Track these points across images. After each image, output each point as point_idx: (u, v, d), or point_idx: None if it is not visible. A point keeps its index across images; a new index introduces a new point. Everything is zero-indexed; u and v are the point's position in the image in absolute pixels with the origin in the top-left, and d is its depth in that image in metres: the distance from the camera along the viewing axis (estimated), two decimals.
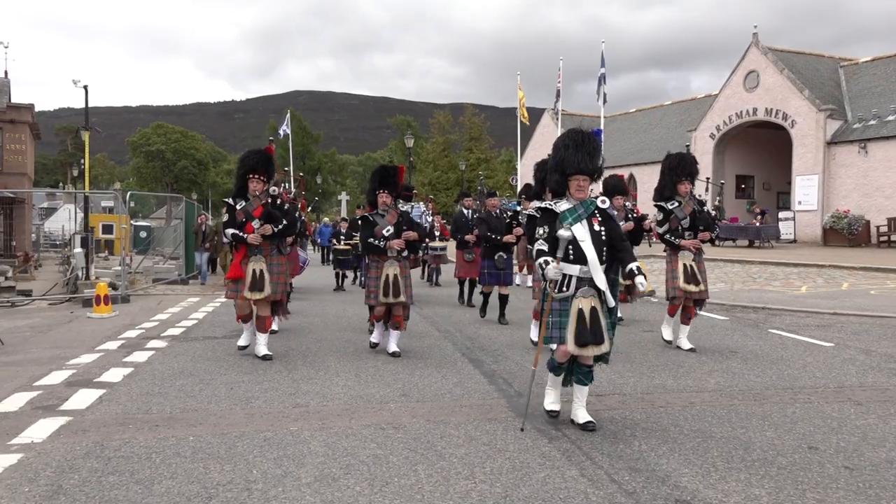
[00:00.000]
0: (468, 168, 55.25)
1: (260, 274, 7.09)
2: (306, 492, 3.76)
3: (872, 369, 6.73)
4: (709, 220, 7.59)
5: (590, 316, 4.55)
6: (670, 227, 7.53)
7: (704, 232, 7.50)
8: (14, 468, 4.20)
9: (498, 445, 4.49)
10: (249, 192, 7.23)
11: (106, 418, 5.25)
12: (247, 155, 7.45)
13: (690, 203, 7.52)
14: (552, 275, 4.53)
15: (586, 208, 4.73)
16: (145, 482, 3.93)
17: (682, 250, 7.46)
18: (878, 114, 24.91)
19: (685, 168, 7.49)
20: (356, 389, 6.06)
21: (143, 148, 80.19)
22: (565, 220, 4.64)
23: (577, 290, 4.62)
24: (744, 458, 4.23)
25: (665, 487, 3.77)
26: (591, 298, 4.60)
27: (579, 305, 4.58)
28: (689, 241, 7.46)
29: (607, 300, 4.64)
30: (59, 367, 7.11)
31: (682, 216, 7.48)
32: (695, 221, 7.47)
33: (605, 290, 4.62)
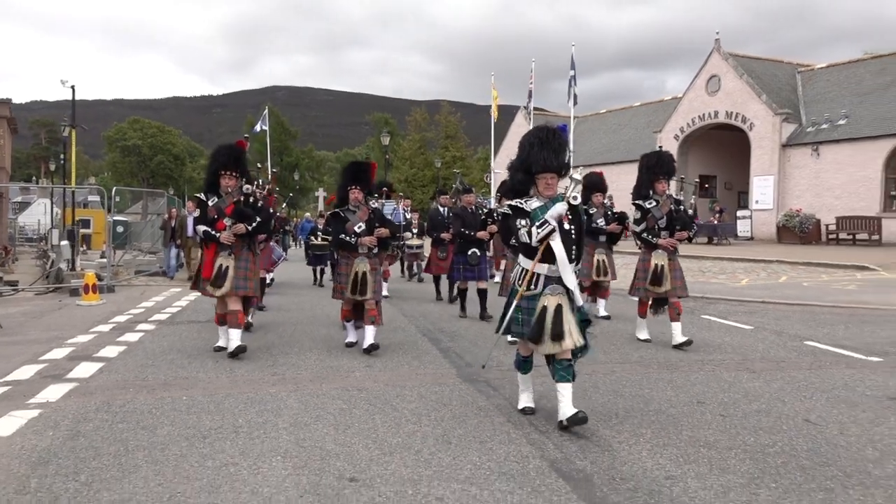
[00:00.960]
0: (444, 166, 56.19)
1: (225, 270, 7.00)
2: (283, 433, 4.65)
3: (777, 346, 7.75)
4: (686, 219, 7.63)
5: (553, 314, 4.57)
6: (647, 225, 7.55)
7: (682, 231, 7.55)
8: (36, 420, 5.03)
9: (443, 402, 5.40)
10: (221, 189, 7.10)
11: (108, 384, 6.09)
12: (218, 150, 7.34)
13: (667, 202, 7.54)
14: (546, 228, 4.52)
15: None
16: (149, 428, 4.78)
17: (658, 249, 7.50)
18: (830, 118, 26.26)
19: (662, 167, 7.51)
20: (326, 361, 6.95)
21: (119, 143, 79.95)
22: (537, 219, 4.61)
23: (546, 288, 4.65)
24: (642, 410, 5.19)
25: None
26: (558, 296, 4.62)
27: (545, 303, 4.62)
28: (666, 240, 7.49)
29: (575, 299, 4.67)
30: (59, 346, 7.90)
31: (658, 215, 7.50)
32: (672, 220, 7.50)
33: (573, 288, 4.64)
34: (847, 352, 7.41)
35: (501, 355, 7.35)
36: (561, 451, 4.28)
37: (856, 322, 9.36)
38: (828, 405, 5.32)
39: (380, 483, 3.76)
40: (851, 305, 10.77)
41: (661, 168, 7.49)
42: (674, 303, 7.51)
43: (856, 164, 24.59)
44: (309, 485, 3.75)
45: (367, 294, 7.18)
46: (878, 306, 10.67)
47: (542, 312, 4.60)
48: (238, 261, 7.08)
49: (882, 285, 13.40)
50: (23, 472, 3.95)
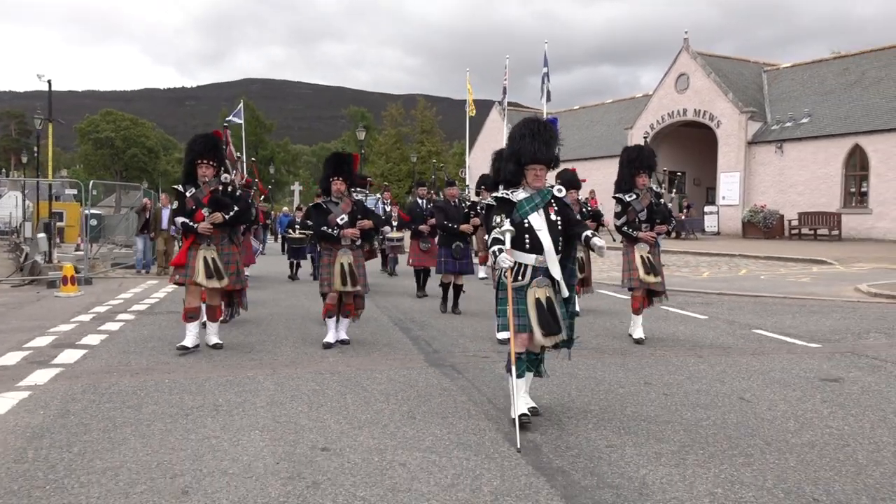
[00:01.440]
0: (419, 160, 56.53)
1: (213, 262, 6.88)
2: (260, 411, 5.02)
3: (727, 334, 8.27)
4: (665, 212, 7.64)
5: (547, 305, 4.55)
6: (628, 219, 7.56)
7: (661, 224, 7.58)
8: (27, 400, 5.35)
9: (410, 383, 5.81)
10: (199, 179, 6.99)
11: (93, 368, 6.41)
12: (194, 140, 7.23)
13: (648, 195, 7.56)
14: (502, 262, 4.50)
15: (543, 197, 4.71)
16: (135, 406, 5.13)
17: (639, 242, 7.52)
18: (794, 117, 27.07)
19: (643, 161, 7.55)
20: (301, 349, 7.33)
21: (91, 135, 79.20)
22: (522, 210, 4.62)
23: (533, 280, 4.60)
24: (593, 389, 5.65)
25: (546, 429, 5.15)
26: (545, 288, 4.59)
27: (535, 295, 4.57)
28: (646, 233, 7.52)
29: (561, 290, 4.65)
30: (42, 334, 8.18)
31: (639, 208, 7.51)
32: (652, 214, 7.51)
33: (559, 280, 4.62)
34: (790, 339, 7.95)
35: (467, 342, 7.79)
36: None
37: (804, 312, 9.93)
38: (762, 385, 5.82)
39: (349, 452, 4.16)
40: (802, 297, 11.36)
41: (641, 162, 7.53)
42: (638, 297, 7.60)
43: (818, 162, 25.41)
44: (284, 454, 4.13)
45: (355, 285, 7.13)
46: (826, 297, 11.28)
47: (537, 305, 4.55)
48: (222, 255, 6.96)
49: (834, 278, 14.05)
50: (19, 446, 4.29)
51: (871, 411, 5.07)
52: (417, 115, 63.59)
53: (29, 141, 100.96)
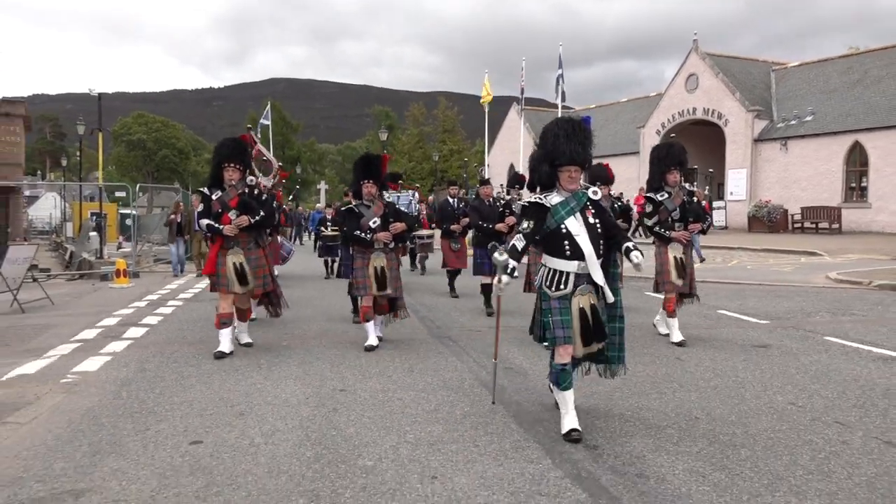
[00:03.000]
0: (441, 159, 57.98)
1: (241, 267, 6.97)
2: (293, 368, 6.43)
3: (692, 314, 9.47)
4: (699, 210, 7.44)
5: (592, 314, 4.41)
6: (660, 218, 7.34)
7: (695, 223, 7.35)
8: (110, 362, 6.82)
9: (414, 348, 7.19)
10: (225, 182, 7.04)
11: (156, 340, 7.89)
12: (222, 143, 7.30)
13: (680, 193, 7.32)
14: (502, 282, 4.48)
15: (578, 200, 4.50)
16: (196, 365, 6.57)
17: (672, 242, 7.31)
18: (798, 115, 27.99)
19: (673, 157, 7.30)
20: (326, 325, 8.75)
21: (124, 137, 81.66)
22: (557, 215, 4.45)
23: (576, 288, 4.43)
24: None
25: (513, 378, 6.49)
26: (589, 295, 4.43)
27: (580, 304, 4.41)
28: (679, 232, 7.30)
29: (606, 296, 4.49)
30: (108, 316, 9.71)
31: (671, 207, 7.28)
32: (685, 212, 7.29)
33: (603, 285, 4.46)
34: (746, 317, 9.19)
35: (465, 320, 9.15)
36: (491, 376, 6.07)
37: (770, 296, 11.12)
38: (700, 350, 7.09)
39: (360, 391, 5.56)
40: (776, 284, 12.54)
41: (672, 159, 7.29)
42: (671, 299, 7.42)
43: (820, 158, 26.33)
44: (312, 392, 5.54)
45: (387, 289, 7.17)
46: (797, 284, 12.45)
47: (581, 315, 4.41)
48: (249, 259, 7.03)
49: (816, 268, 15.16)
50: (114, 390, 5.74)
51: (777, 367, 6.34)
52: (439, 114, 65.02)
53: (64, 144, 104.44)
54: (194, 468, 3.93)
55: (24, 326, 9.27)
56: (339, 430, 4.63)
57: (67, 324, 9.26)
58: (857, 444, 4.27)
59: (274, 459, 4.07)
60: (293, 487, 3.66)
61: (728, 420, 4.78)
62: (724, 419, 4.80)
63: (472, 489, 3.61)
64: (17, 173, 35.35)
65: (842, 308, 9.93)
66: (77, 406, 5.25)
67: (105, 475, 3.85)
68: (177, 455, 4.15)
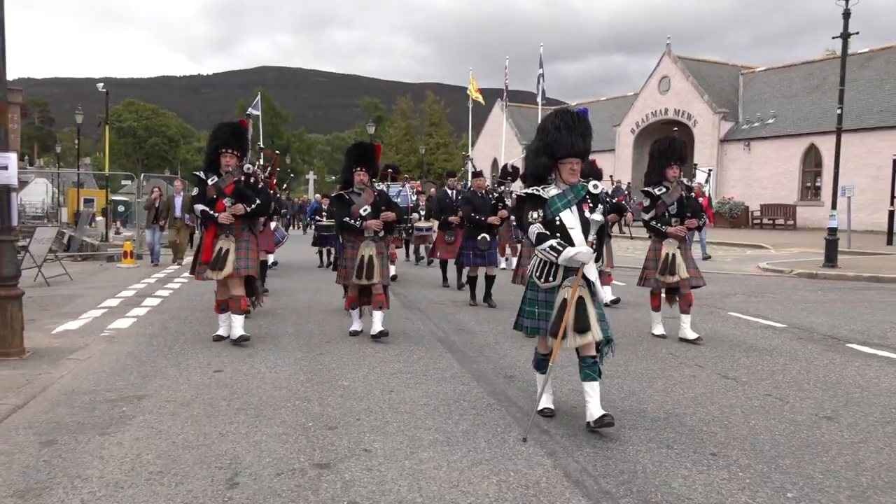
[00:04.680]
0: (428, 152, 59.49)
1: (225, 253, 6.83)
2: (287, 336, 7.97)
3: (624, 295, 11.12)
4: (697, 206, 7.42)
5: (576, 305, 4.32)
6: (657, 213, 7.26)
7: (692, 219, 7.27)
8: (136, 322, 8.32)
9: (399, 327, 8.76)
10: (222, 168, 6.90)
11: (171, 308, 9.40)
12: (219, 128, 7.14)
13: (678, 189, 7.26)
14: (573, 255, 4.26)
15: (577, 193, 4.46)
16: (209, 325, 8.06)
17: (668, 238, 7.26)
18: (761, 117, 29.73)
19: (674, 152, 7.25)
20: (327, 317, 10.29)
21: (114, 125, 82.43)
22: (553, 206, 4.42)
23: (565, 280, 4.41)
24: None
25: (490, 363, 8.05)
26: (578, 288, 4.36)
27: (565, 295, 4.37)
28: (676, 227, 7.23)
29: (597, 291, 4.43)
30: (124, 290, 11.20)
31: (669, 202, 7.21)
32: (682, 208, 7.23)
33: (594, 280, 4.40)
34: None
35: (433, 296, 10.68)
36: (464, 352, 7.62)
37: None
38: (619, 326, 8.67)
39: (342, 343, 7.12)
40: (712, 272, 14.12)
41: (673, 154, 7.23)
42: (685, 294, 7.35)
43: (780, 159, 28.08)
44: (303, 343, 7.09)
45: (373, 278, 7.10)
46: (731, 272, 14.10)
47: (563, 305, 4.35)
48: (238, 242, 6.91)
49: (755, 259, 16.84)
50: (145, 340, 7.26)
51: (674, 331, 7.93)
52: (426, 108, 66.44)
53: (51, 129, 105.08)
54: (220, 385, 5.48)
55: (54, 296, 10.74)
56: (324, 364, 6.19)
57: (91, 294, 10.75)
58: (704, 377, 5.88)
59: (276, 380, 5.62)
60: (290, 395, 5.21)
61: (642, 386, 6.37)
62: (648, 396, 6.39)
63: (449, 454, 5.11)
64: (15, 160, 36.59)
65: (758, 292, 11.57)
66: (120, 350, 6.77)
67: (155, 388, 5.38)
68: (205, 377, 5.69)
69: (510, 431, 4.40)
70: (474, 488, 3.55)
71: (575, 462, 3.93)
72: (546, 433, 4.40)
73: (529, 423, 4.36)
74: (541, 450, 4.12)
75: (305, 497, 3.44)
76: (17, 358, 6.27)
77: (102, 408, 4.89)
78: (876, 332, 7.94)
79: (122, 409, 4.85)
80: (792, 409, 4.97)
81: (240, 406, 4.94)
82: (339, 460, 3.93)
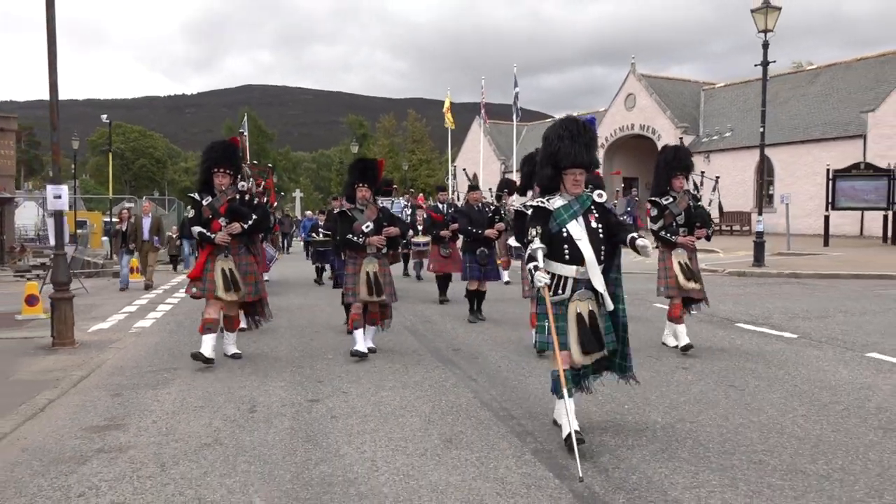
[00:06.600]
0: (411, 168, 61.41)
1: (231, 273, 6.79)
2: (288, 340, 9.64)
3: None
4: (705, 215, 7.40)
5: (589, 320, 4.27)
6: (665, 223, 7.24)
7: (701, 229, 7.27)
8: (156, 322, 9.98)
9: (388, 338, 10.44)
10: (216, 187, 6.85)
11: (184, 311, 11.05)
12: (211, 147, 7.11)
13: (685, 198, 7.26)
14: (538, 282, 4.21)
15: (582, 204, 4.42)
16: None
17: (677, 248, 7.23)
18: (720, 131, 31.79)
19: (680, 162, 7.28)
20: (315, 333, 11.97)
21: (102, 147, 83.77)
22: (559, 218, 4.34)
23: (574, 293, 4.33)
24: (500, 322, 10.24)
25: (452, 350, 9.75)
26: (588, 301, 4.31)
27: (577, 309, 4.29)
28: (685, 237, 7.21)
29: (605, 303, 4.35)
30: (138, 299, 12.85)
31: (676, 212, 7.20)
32: (690, 217, 7.22)
33: (602, 291, 4.33)
34: None
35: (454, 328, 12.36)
36: (442, 340, 9.31)
37: (642, 280, 14.43)
38: None
39: (330, 332, 8.80)
40: (649, 272, 15.94)
41: (678, 163, 7.26)
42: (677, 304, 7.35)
43: (737, 169, 30.06)
44: (296, 334, 8.77)
45: (381, 295, 7.06)
46: None
47: (579, 320, 4.28)
48: (239, 265, 6.88)
49: (701, 261, 18.58)
50: (166, 335, 8.91)
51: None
52: (409, 125, 68.43)
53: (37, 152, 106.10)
54: (233, 360, 7.15)
55: (79, 305, 12.11)
56: (314, 348, 7.89)
57: (110, 303, 12.40)
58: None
59: (277, 357, 7.32)
60: (287, 365, 6.91)
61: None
62: None
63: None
64: (9, 185, 38.03)
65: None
66: (148, 342, 8.45)
67: (184, 363, 7.04)
68: (220, 356, 7.36)
69: (441, 371, 6.12)
70: (417, 409, 5.28)
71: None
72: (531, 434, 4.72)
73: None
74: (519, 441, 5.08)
75: (302, 416, 5.15)
76: (70, 347, 7.94)
77: (148, 375, 6.57)
78: (763, 315, 9.75)
79: (163, 376, 6.54)
80: (692, 374, 6.71)
81: (251, 371, 6.65)
82: (325, 398, 5.65)
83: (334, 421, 5.01)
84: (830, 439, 4.48)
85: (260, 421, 5.04)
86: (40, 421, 5.18)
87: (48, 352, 7.81)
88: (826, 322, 9.10)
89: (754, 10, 16.76)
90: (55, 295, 8.09)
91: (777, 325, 8.94)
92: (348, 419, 5.04)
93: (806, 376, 6.17)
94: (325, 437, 4.66)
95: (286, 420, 5.05)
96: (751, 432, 4.65)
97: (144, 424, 5.00)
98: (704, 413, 5.12)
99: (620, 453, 4.27)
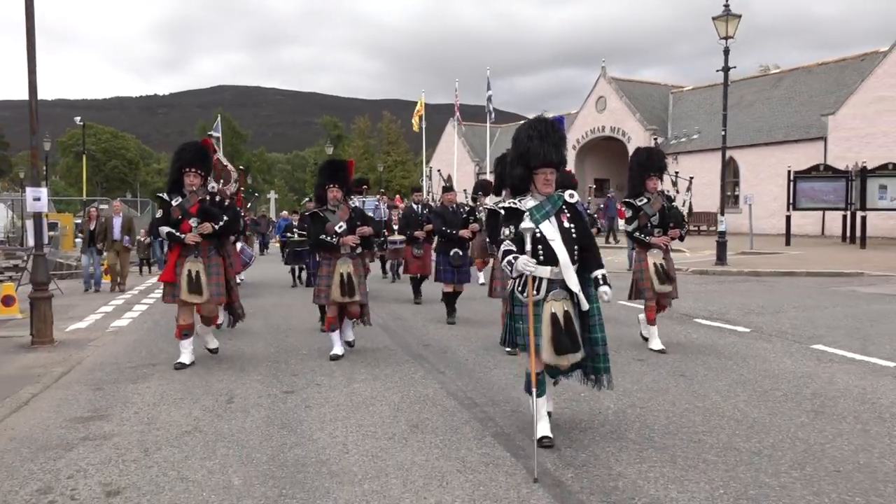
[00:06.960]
0: (386, 169, 61.61)
1: (196, 276, 6.69)
2: (265, 337, 9.89)
3: None
4: (678, 216, 7.50)
5: (564, 320, 4.26)
6: (639, 224, 7.35)
7: (674, 229, 7.37)
8: (132, 322, 10.17)
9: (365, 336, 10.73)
10: (186, 188, 6.79)
11: (159, 311, 11.22)
12: (183, 147, 7.05)
13: (659, 199, 7.36)
14: (522, 267, 4.17)
15: (553, 204, 4.42)
16: None
17: (652, 248, 7.32)
18: (687, 133, 32.49)
19: (654, 163, 7.37)
20: (292, 334, 12.22)
21: (73, 148, 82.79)
22: (532, 218, 4.33)
23: (549, 293, 4.32)
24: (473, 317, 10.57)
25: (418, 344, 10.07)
26: (563, 301, 4.31)
27: (552, 309, 4.28)
28: (660, 237, 7.31)
29: (580, 302, 4.36)
30: (113, 300, 13.00)
31: (651, 213, 7.31)
32: (664, 218, 7.32)
33: (577, 291, 4.33)
34: None
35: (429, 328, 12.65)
36: (412, 336, 9.62)
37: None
38: None
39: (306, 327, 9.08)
40: (619, 270, 16.42)
41: (652, 164, 7.36)
42: (662, 305, 7.54)
43: (704, 171, 30.68)
44: (270, 333, 9.03)
45: (355, 296, 7.05)
46: None
47: (553, 320, 4.26)
48: (209, 266, 6.82)
49: None
50: (144, 332, 9.13)
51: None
52: (384, 127, 68.64)
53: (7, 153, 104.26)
54: (211, 357, 7.40)
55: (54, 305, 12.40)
56: (289, 344, 8.18)
57: (85, 304, 12.54)
58: None
59: (254, 353, 7.59)
60: (262, 360, 7.18)
61: None
62: None
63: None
64: None
65: None
66: (126, 339, 8.67)
67: (162, 360, 7.29)
68: (200, 350, 7.60)
69: (411, 364, 6.45)
70: (387, 398, 5.60)
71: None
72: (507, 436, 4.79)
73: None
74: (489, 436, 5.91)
75: (277, 406, 5.45)
76: (49, 345, 8.14)
77: (128, 371, 6.82)
78: (720, 311, 10.20)
79: (143, 371, 6.79)
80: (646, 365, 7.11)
81: (228, 366, 6.92)
82: (300, 389, 5.95)
83: (308, 410, 5.32)
84: (766, 421, 4.89)
85: (237, 410, 5.32)
86: (25, 413, 5.41)
87: (28, 350, 8.02)
88: (778, 317, 9.57)
89: (715, 18, 17.33)
90: (35, 294, 8.29)
91: (732, 320, 9.38)
92: (321, 408, 5.35)
93: (752, 366, 6.58)
94: (299, 424, 4.97)
95: (262, 410, 5.34)
96: (694, 416, 5.04)
97: (127, 415, 5.26)
98: (654, 399, 5.50)
99: (573, 435, 4.64)
